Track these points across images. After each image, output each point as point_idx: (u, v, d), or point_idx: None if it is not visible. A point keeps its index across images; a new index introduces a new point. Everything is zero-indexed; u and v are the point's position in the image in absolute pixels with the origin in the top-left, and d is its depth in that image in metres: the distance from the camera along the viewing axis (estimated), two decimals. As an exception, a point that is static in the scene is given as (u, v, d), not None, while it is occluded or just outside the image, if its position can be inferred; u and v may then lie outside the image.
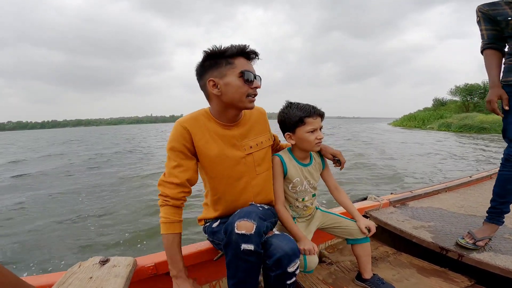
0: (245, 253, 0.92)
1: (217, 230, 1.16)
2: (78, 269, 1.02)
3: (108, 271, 1.00)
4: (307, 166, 1.32)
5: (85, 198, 5.45)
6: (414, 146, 13.02)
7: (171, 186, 1.09)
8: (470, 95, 33.37)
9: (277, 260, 0.97)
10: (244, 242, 0.91)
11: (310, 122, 1.20)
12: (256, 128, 1.24)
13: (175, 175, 1.09)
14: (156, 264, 1.18)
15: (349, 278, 1.42)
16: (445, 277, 1.37)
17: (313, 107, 1.21)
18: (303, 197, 1.32)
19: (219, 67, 1.06)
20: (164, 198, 1.10)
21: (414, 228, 1.67)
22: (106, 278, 0.96)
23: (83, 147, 18.82)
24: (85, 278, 0.96)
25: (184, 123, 1.10)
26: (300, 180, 1.29)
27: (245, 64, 1.07)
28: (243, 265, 0.95)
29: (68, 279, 0.95)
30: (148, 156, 12.46)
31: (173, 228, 1.08)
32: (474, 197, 2.30)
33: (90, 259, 1.08)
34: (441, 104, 38.70)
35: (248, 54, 1.08)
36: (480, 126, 21.01)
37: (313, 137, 1.21)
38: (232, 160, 1.15)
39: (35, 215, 4.61)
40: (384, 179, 6.37)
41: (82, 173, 8.41)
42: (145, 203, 4.97)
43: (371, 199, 2.10)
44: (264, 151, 1.25)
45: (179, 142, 1.09)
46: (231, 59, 1.05)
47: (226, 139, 1.15)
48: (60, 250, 3.33)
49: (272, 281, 1.01)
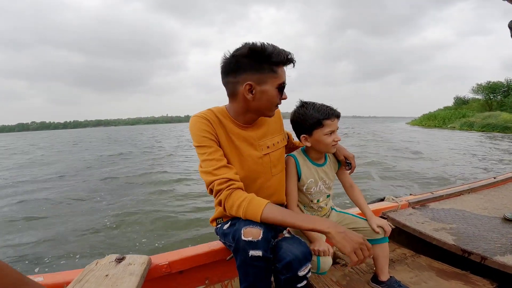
0: (253, 259, 0.91)
1: (227, 232, 1.14)
2: (95, 266, 1.04)
3: (123, 269, 1.02)
4: (322, 166, 1.30)
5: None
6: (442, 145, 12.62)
7: (225, 170, 1.01)
8: (493, 93, 32.06)
9: (287, 264, 0.96)
10: (251, 248, 0.90)
11: (329, 125, 1.16)
12: (272, 127, 1.23)
13: (218, 158, 1.03)
14: (170, 262, 1.19)
15: (364, 280, 1.38)
16: (465, 280, 1.31)
17: (331, 109, 1.18)
18: (318, 198, 1.30)
19: (262, 72, 1.00)
20: (227, 185, 0.98)
21: (434, 230, 1.61)
22: (122, 276, 0.98)
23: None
24: (101, 275, 0.98)
25: (204, 115, 1.08)
26: (314, 181, 1.27)
27: (284, 75, 1.04)
28: (252, 270, 0.94)
29: (85, 277, 0.97)
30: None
31: (262, 201, 0.96)
32: (499, 199, 2.19)
33: (106, 257, 1.10)
34: (463, 103, 37.34)
35: (286, 63, 1.03)
36: (504, 125, 20.11)
37: (331, 139, 1.17)
38: (249, 160, 1.13)
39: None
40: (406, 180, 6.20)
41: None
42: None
43: (388, 200, 2.04)
44: (279, 151, 1.24)
45: (208, 132, 1.05)
46: (275, 67, 1.01)
47: (243, 139, 1.13)
48: (79, 246, 3.45)
49: (283, 284, 1.00)
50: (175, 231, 3.71)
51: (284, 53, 1.00)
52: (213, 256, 1.30)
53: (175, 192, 5.81)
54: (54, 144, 23.93)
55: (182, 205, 4.86)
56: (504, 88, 30.98)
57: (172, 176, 7.46)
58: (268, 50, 0.97)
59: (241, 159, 1.12)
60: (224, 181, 0.98)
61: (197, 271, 1.31)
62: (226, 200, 0.98)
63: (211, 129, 1.06)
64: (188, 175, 7.46)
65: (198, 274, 1.33)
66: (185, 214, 4.35)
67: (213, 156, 1.03)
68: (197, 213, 4.40)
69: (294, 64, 1.05)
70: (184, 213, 4.39)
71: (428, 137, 18.27)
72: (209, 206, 4.53)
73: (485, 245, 1.40)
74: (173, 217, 4.22)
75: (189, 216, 4.27)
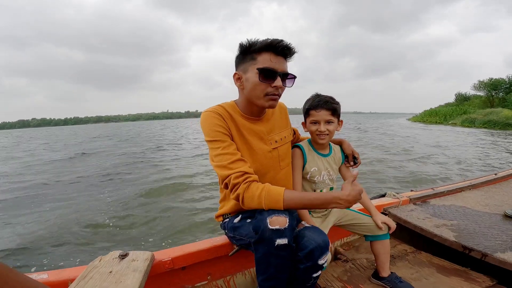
0: (278, 248, 0.91)
1: (239, 225, 1.14)
2: (99, 263, 1.05)
3: (127, 265, 1.03)
4: (327, 157, 1.34)
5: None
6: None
7: (240, 163, 1.02)
8: (495, 90, 31.86)
9: (309, 252, 0.97)
10: (278, 237, 0.91)
11: (313, 115, 1.24)
12: (279, 122, 1.26)
13: (233, 152, 1.03)
14: (173, 258, 1.20)
15: (365, 276, 1.39)
16: (466, 277, 1.32)
17: (320, 101, 1.23)
18: (321, 188, 1.32)
19: (245, 62, 1.05)
20: (244, 178, 0.99)
21: (435, 227, 1.62)
22: (125, 272, 0.98)
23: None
24: (105, 272, 0.99)
25: (216, 110, 1.09)
26: (318, 170, 1.30)
27: (268, 61, 1.02)
28: (275, 261, 0.94)
29: (89, 273, 0.98)
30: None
31: (279, 189, 0.98)
32: (500, 195, 2.19)
33: (110, 253, 1.11)
34: (464, 99, 37.16)
35: (276, 49, 1.02)
36: (506, 122, 20.02)
37: (314, 128, 1.25)
38: (259, 154, 1.14)
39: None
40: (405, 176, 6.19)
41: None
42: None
43: (389, 196, 2.04)
44: (287, 146, 1.27)
45: (221, 126, 1.06)
46: (256, 54, 1.02)
47: (253, 133, 1.15)
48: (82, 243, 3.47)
49: (300, 273, 1.01)
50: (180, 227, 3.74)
51: (266, 39, 1.01)
52: (215, 252, 1.31)
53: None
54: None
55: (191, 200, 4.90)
56: (506, 85, 30.78)
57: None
58: (253, 42, 1.03)
59: (252, 153, 1.13)
60: (240, 175, 0.99)
61: (200, 267, 1.32)
62: (245, 193, 0.98)
63: (223, 123, 1.08)
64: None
65: (200, 270, 1.34)
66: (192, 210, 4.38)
67: (227, 150, 1.04)
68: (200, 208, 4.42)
69: (290, 51, 1.05)
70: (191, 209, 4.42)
71: (427, 133, 18.25)
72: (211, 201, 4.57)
73: (486, 242, 1.40)
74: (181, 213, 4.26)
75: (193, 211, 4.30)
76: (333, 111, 1.23)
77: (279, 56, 1.04)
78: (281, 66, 1.04)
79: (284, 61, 1.06)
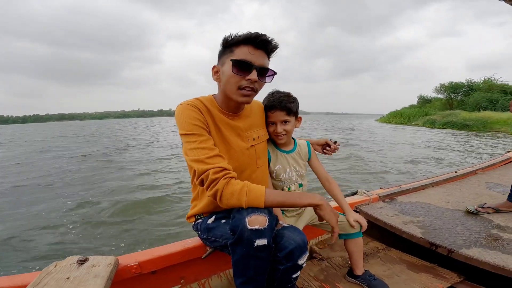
0: (258, 249, 0.87)
1: (213, 226, 1.09)
2: (54, 269, 0.96)
3: (87, 271, 0.95)
4: (291, 153, 1.33)
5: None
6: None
7: (218, 159, 0.97)
8: (454, 93, 34.12)
9: (289, 253, 0.95)
10: (257, 237, 0.87)
11: (269, 116, 1.23)
12: (257, 121, 1.23)
13: (211, 148, 0.98)
14: (140, 263, 1.12)
15: (341, 274, 1.40)
16: (434, 273, 1.38)
17: (275, 101, 1.20)
18: (289, 186, 1.31)
19: (224, 54, 1.02)
20: (223, 174, 0.94)
21: (403, 223, 1.67)
22: (85, 278, 0.91)
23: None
24: (61, 278, 0.90)
25: (192, 103, 1.04)
26: (282, 167, 1.29)
27: (246, 53, 0.98)
28: (254, 262, 0.91)
29: (43, 280, 0.89)
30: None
31: (260, 187, 0.94)
32: (460, 192, 2.33)
33: (67, 259, 1.02)
34: (426, 101, 39.47)
35: (255, 42, 0.98)
36: (463, 123, 21.58)
37: (272, 129, 1.25)
38: (237, 151, 1.11)
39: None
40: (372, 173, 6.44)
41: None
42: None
43: (361, 194, 2.09)
44: (264, 144, 1.25)
45: (199, 120, 1.01)
46: (234, 47, 0.99)
47: (231, 128, 1.11)
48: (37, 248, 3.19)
49: (280, 274, 0.99)
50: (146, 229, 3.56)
51: (245, 33, 0.98)
52: (187, 255, 1.25)
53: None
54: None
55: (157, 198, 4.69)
56: (465, 88, 33.04)
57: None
58: (235, 35, 0.99)
59: (229, 149, 1.09)
60: (219, 170, 0.93)
61: (172, 271, 1.26)
62: (225, 189, 0.92)
63: (201, 117, 1.02)
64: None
65: (172, 273, 1.27)
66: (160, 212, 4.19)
67: (204, 144, 0.98)
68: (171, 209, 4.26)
69: (270, 44, 1.01)
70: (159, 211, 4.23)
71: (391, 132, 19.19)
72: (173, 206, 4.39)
73: (451, 238, 1.47)
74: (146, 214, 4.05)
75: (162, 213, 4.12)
76: (288, 111, 1.20)
77: (259, 49, 1.00)
78: (258, 60, 1.00)
79: (264, 55, 1.02)
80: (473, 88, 32.11)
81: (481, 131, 18.78)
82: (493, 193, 2.28)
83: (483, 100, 27.61)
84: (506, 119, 18.55)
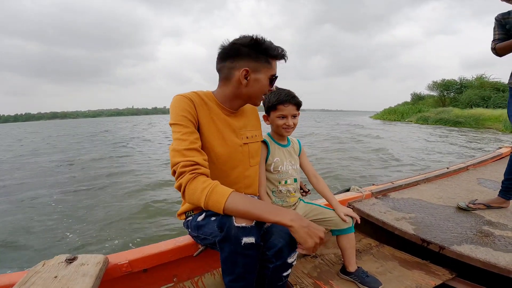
0: (245, 247, 0.86)
1: (203, 223, 1.08)
2: (42, 268, 0.94)
3: (75, 270, 0.93)
4: (286, 147, 1.40)
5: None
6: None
7: (195, 153, 0.95)
8: (447, 90, 34.46)
9: (278, 251, 0.95)
10: (244, 235, 0.85)
11: (281, 109, 1.28)
12: (252, 121, 1.27)
13: (192, 141, 0.97)
14: (130, 261, 1.11)
15: (334, 271, 1.41)
16: (426, 270, 1.39)
17: (288, 96, 1.27)
18: (286, 179, 1.34)
19: (258, 62, 1.05)
20: (192, 168, 0.91)
21: (396, 220, 1.68)
22: (73, 277, 0.89)
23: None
24: (49, 277, 0.89)
25: (188, 96, 1.05)
26: (280, 160, 1.35)
27: (276, 68, 1.10)
28: (242, 260, 0.89)
29: (30, 279, 0.88)
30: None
31: (226, 189, 0.89)
32: (452, 188, 2.35)
33: (55, 257, 0.99)
34: (419, 99, 39.81)
35: (280, 58, 1.10)
36: (456, 120, 21.84)
37: (281, 122, 1.29)
38: (230, 146, 1.12)
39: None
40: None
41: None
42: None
43: (353, 190, 2.09)
44: (258, 144, 1.27)
45: (189, 112, 1.01)
46: (270, 59, 1.07)
47: (226, 124, 1.13)
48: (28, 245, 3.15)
49: (270, 273, 0.99)
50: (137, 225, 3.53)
51: (279, 49, 1.07)
52: (179, 253, 1.23)
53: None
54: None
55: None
56: (457, 86, 33.41)
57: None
58: (267, 44, 1.04)
59: (223, 144, 1.10)
60: (189, 164, 0.91)
61: (163, 269, 1.25)
62: (188, 184, 0.89)
63: (192, 110, 1.03)
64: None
65: (164, 272, 1.26)
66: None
67: (187, 137, 0.97)
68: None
69: (286, 60, 1.12)
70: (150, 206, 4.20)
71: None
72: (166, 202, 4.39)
73: (443, 235, 1.48)
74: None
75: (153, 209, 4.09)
76: (298, 106, 1.30)
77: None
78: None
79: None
80: (466, 85, 32.52)
81: (474, 127, 19.09)
82: (484, 189, 2.30)
83: (475, 97, 28.00)
84: (498, 116, 18.82)
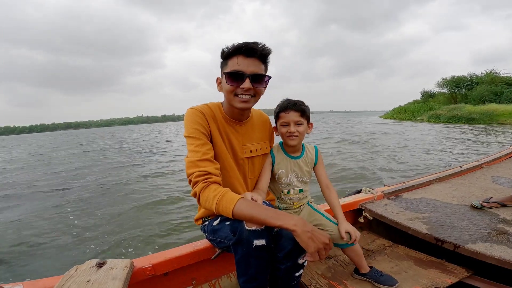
0: (257, 249, 0.92)
1: (218, 228, 1.13)
2: (75, 272, 1.00)
3: (105, 274, 0.99)
4: (296, 159, 1.33)
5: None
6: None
7: (207, 163, 1.04)
8: (457, 87, 33.79)
9: (288, 253, 0.99)
10: (256, 238, 0.92)
11: (282, 116, 1.26)
12: (259, 134, 1.30)
13: (204, 152, 1.06)
14: (153, 265, 1.16)
15: (348, 272, 1.43)
16: (442, 269, 1.39)
17: (288, 102, 1.24)
18: (288, 190, 1.33)
19: (222, 67, 1.12)
20: (204, 177, 1.00)
21: (409, 220, 1.69)
22: (104, 281, 0.95)
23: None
24: (82, 281, 0.94)
25: (200, 109, 1.14)
26: (285, 172, 1.31)
27: (235, 64, 1.05)
28: (254, 262, 0.95)
29: (66, 283, 0.93)
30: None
31: (235, 196, 0.96)
32: (466, 187, 2.33)
33: (86, 262, 1.06)
34: (429, 96, 39.10)
35: (244, 51, 1.04)
36: (469, 117, 21.34)
37: (285, 130, 1.26)
38: (233, 158, 1.20)
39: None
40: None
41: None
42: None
43: (365, 192, 2.10)
44: (261, 158, 1.31)
45: (201, 125, 1.10)
46: (228, 60, 1.08)
47: (232, 135, 1.20)
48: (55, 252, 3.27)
49: (282, 274, 1.03)
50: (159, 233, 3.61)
51: (234, 45, 1.05)
52: (198, 256, 1.28)
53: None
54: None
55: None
56: (468, 82, 32.72)
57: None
58: (229, 47, 1.06)
59: (226, 154, 1.18)
60: (202, 174, 1.01)
61: (183, 272, 1.30)
62: (201, 192, 0.99)
63: (204, 122, 1.11)
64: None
65: (184, 275, 1.31)
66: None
67: (200, 148, 1.06)
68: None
69: (258, 52, 1.05)
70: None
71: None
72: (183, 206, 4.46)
73: (457, 233, 1.49)
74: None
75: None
76: (301, 112, 1.24)
77: (250, 58, 1.06)
78: (250, 68, 1.06)
79: (257, 62, 1.07)
80: (476, 81, 31.82)
81: (487, 124, 18.62)
82: (499, 187, 2.28)
83: (487, 93, 27.33)
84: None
